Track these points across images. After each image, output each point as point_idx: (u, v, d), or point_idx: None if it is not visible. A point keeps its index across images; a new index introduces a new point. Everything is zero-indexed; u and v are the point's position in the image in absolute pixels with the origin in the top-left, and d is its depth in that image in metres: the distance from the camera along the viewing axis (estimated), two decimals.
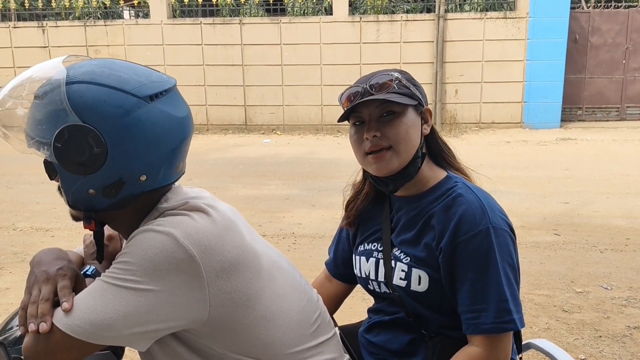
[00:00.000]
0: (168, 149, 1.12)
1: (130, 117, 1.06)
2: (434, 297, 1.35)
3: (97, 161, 1.06)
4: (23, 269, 4.24)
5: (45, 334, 1.01)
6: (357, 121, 1.40)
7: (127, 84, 1.08)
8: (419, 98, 1.40)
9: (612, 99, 11.07)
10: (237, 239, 1.14)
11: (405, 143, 1.36)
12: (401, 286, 1.38)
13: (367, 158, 1.38)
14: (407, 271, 1.37)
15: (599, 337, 3.19)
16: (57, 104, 1.05)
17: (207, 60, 10.95)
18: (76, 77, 1.07)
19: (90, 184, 1.08)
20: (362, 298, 3.39)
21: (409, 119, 1.37)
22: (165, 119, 1.10)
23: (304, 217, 5.45)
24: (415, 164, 1.39)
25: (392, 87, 1.35)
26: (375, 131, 1.35)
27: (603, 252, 4.49)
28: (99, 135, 1.05)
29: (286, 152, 9.16)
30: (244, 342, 1.14)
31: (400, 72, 1.41)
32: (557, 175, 6.98)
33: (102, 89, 1.06)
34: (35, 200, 6.17)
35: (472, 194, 1.36)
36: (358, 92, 1.37)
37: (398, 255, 1.41)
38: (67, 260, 1.14)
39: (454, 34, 10.48)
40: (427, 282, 1.34)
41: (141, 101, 1.08)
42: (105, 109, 1.05)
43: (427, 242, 1.35)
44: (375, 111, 1.36)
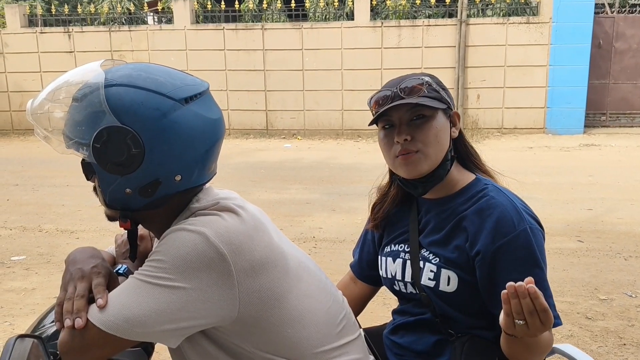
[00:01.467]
0: (202, 150, 1.15)
1: (167, 119, 1.09)
2: (463, 297, 1.36)
3: (135, 162, 1.09)
4: (49, 270, 4.32)
5: (81, 330, 1.04)
6: (386, 124, 1.41)
7: (163, 87, 1.11)
8: (448, 102, 1.41)
9: (637, 104, 10.91)
10: (265, 238, 1.16)
11: (435, 146, 1.37)
12: (429, 286, 1.39)
13: (396, 160, 1.39)
14: (436, 272, 1.38)
15: (623, 345, 3.16)
16: (96, 106, 1.08)
17: (230, 65, 11.04)
18: (114, 80, 1.10)
19: (128, 183, 1.12)
20: (384, 303, 3.39)
21: (438, 123, 1.38)
22: (199, 121, 1.13)
23: (325, 222, 5.47)
24: (444, 166, 1.41)
25: (422, 91, 1.36)
26: (406, 135, 1.36)
27: (627, 260, 4.43)
28: (137, 136, 1.08)
29: (307, 156, 9.18)
30: (271, 340, 1.16)
31: (429, 75, 1.42)
32: (580, 182, 6.91)
33: (140, 91, 1.10)
34: (60, 203, 6.27)
35: (504, 195, 1.37)
36: (388, 96, 1.38)
37: (427, 256, 1.42)
38: (100, 258, 1.17)
39: (476, 39, 10.43)
40: (457, 282, 1.35)
41: (177, 104, 1.11)
42: (143, 111, 1.08)
43: (458, 244, 1.36)
44: (405, 115, 1.37)
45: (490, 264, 1.30)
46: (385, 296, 3.48)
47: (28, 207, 6.18)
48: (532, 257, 1.30)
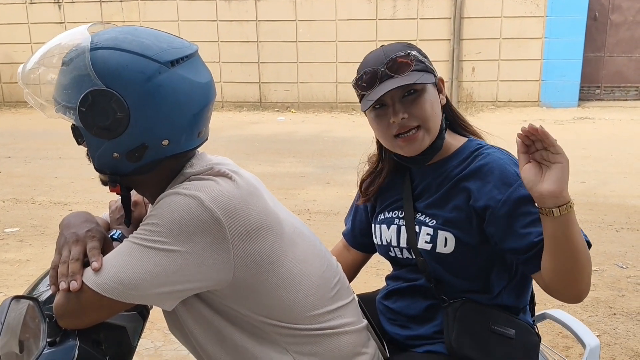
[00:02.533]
0: (190, 114, 1.14)
1: (152, 83, 1.09)
2: (459, 258, 1.36)
3: (120, 125, 1.09)
4: (42, 242, 4.32)
5: (76, 293, 1.05)
6: (377, 104, 1.37)
7: (149, 49, 1.10)
8: (433, 70, 1.40)
9: (632, 78, 10.88)
10: (260, 203, 1.16)
11: (433, 119, 1.36)
12: (426, 249, 1.39)
13: (396, 141, 1.37)
14: (433, 234, 1.38)
15: (613, 315, 3.20)
16: (81, 70, 1.08)
17: (222, 36, 10.92)
18: (100, 43, 1.09)
19: (115, 148, 1.11)
20: (377, 273, 3.42)
21: (430, 94, 1.37)
22: (186, 84, 1.12)
23: (319, 194, 5.48)
24: (442, 136, 1.41)
25: (411, 66, 1.33)
26: (402, 113, 1.33)
27: (619, 231, 4.48)
28: (121, 99, 1.07)
29: (301, 129, 9.15)
30: (266, 304, 1.17)
31: (409, 46, 1.40)
32: (574, 155, 6.88)
33: (125, 54, 1.09)
34: (53, 175, 6.25)
35: (499, 151, 1.39)
36: (376, 75, 1.34)
37: (423, 219, 1.42)
38: (95, 223, 1.17)
39: (471, 10, 10.33)
40: (454, 243, 1.36)
41: (163, 66, 1.10)
42: (128, 74, 1.08)
43: (457, 204, 1.36)
44: (397, 93, 1.34)
45: (505, 213, 1.29)
46: (379, 267, 3.51)
47: (21, 179, 6.15)
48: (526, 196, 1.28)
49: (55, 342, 1.07)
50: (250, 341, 1.19)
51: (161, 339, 2.94)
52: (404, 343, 1.47)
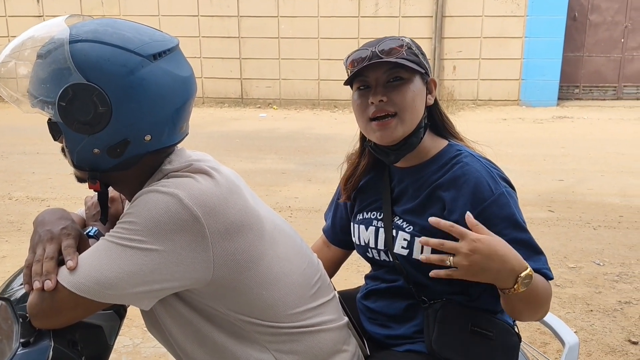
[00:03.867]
0: (172, 109, 1.12)
1: (134, 76, 1.06)
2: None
3: (102, 120, 1.06)
4: (19, 238, 4.25)
5: (50, 292, 1.03)
6: (362, 85, 1.37)
7: (130, 42, 1.08)
8: (426, 67, 1.39)
9: (610, 77, 11.04)
10: (240, 201, 1.15)
11: (411, 111, 1.35)
12: (403, 255, 1.38)
13: (370, 124, 1.36)
14: (410, 240, 1.37)
15: (590, 312, 3.24)
16: (60, 63, 1.05)
17: (203, 32, 10.84)
18: (79, 36, 1.07)
19: (95, 143, 1.09)
20: (358, 270, 3.42)
21: (415, 87, 1.35)
22: (169, 78, 1.10)
23: (300, 191, 5.47)
24: (418, 134, 1.39)
25: (401, 53, 1.33)
26: (382, 96, 1.33)
27: (596, 229, 4.53)
28: (103, 94, 1.05)
29: (282, 126, 9.13)
30: (246, 302, 1.16)
31: (409, 39, 1.39)
32: (552, 153, 7.00)
33: (106, 47, 1.06)
34: (30, 170, 6.16)
35: (478, 161, 1.36)
36: (365, 56, 1.34)
37: (400, 224, 1.40)
38: (70, 220, 1.15)
39: (453, 9, 10.38)
40: (430, 251, 1.34)
41: (145, 60, 1.08)
42: (110, 67, 1.05)
43: (434, 213, 1.34)
44: (382, 76, 1.34)
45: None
46: (360, 264, 3.51)
47: None
48: (513, 218, 1.30)
49: (29, 342, 1.04)
50: (229, 340, 1.17)
51: (140, 336, 2.91)
52: (384, 342, 1.46)
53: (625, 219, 4.76)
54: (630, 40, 10.83)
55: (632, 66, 10.94)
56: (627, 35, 10.81)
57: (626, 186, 5.67)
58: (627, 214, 4.90)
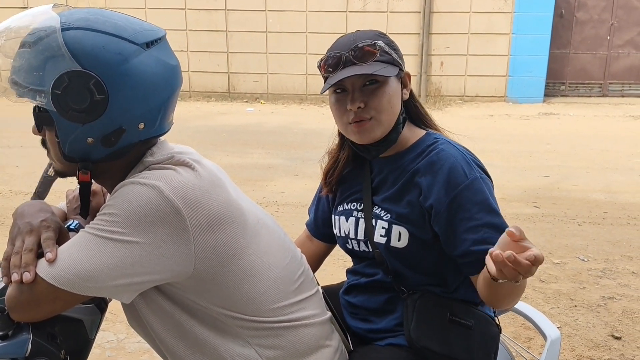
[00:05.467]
0: (165, 97, 1.12)
1: (130, 64, 1.06)
2: (413, 253, 1.37)
3: (98, 108, 1.05)
4: (3, 232, 4.21)
5: (29, 284, 1.01)
6: (338, 89, 1.38)
7: (123, 31, 1.08)
8: (400, 63, 1.40)
9: (596, 75, 11.13)
10: (222, 194, 1.14)
11: (387, 113, 1.36)
12: (382, 243, 1.39)
13: (349, 127, 1.38)
14: (387, 228, 1.38)
15: (575, 307, 3.27)
16: (53, 50, 1.03)
17: (190, 25, 10.77)
18: (70, 24, 1.05)
19: (90, 132, 1.07)
20: (344, 265, 3.42)
21: (391, 88, 1.36)
22: (161, 66, 1.11)
23: (287, 186, 5.46)
24: (397, 130, 1.41)
25: (375, 56, 1.33)
26: (359, 102, 1.34)
27: (581, 225, 4.57)
28: (100, 81, 1.03)
29: (270, 121, 9.10)
30: (228, 296, 1.15)
31: (380, 35, 1.39)
32: (538, 150, 7.05)
33: (100, 35, 1.05)
34: (14, 164, 6.09)
35: (454, 148, 1.38)
36: (340, 59, 1.34)
37: (379, 213, 1.42)
38: (50, 212, 1.13)
39: (440, 5, 10.40)
40: (407, 238, 1.36)
41: (139, 48, 1.08)
42: (105, 55, 1.04)
43: (411, 200, 1.36)
44: (358, 81, 1.35)
45: (447, 217, 1.31)
46: (346, 259, 3.50)
47: None
48: (486, 203, 1.30)
49: (7, 335, 1.03)
50: (211, 334, 1.16)
51: (124, 331, 2.89)
52: (366, 337, 1.47)
53: (610, 215, 4.81)
54: (616, 38, 10.92)
55: (618, 64, 11.03)
56: (613, 33, 10.90)
57: (611, 183, 5.72)
58: (611, 210, 4.94)
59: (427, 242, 1.36)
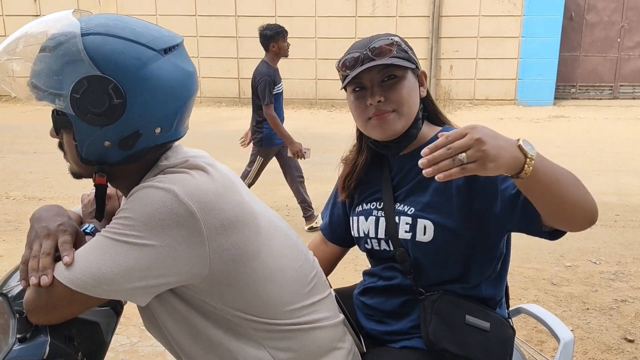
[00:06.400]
0: (181, 102, 1.14)
1: (148, 69, 1.08)
2: (440, 246, 1.36)
3: (116, 112, 1.07)
4: (16, 237, 4.25)
5: (47, 287, 1.03)
6: (357, 87, 1.39)
7: (142, 36, 1.09)
8: (416, 62, 1.42)
9: (606, 77, 11.06)
10: (236, 197, 1.15)
11: (408, 105, 1.37)
12: (407, 239, 1.39)
13: (370, 122, 1.38)
14: (412, 223, 1.38)
15: (587, 310, 3.25)
16: (73, 55, 1.05)
17: (201, 31, 10.84)
18: (90, 29, 1.07)
19: (107, 135, 1.09)
20: (355, 269, 3.43)
21: (409, 82, 1.38)
22: (178, 72, 1.12)
23: None
24: (417, 126, 1.42)
25: (392, 52, 1.36)
26: (379, 96, 1.35)
27: (592, 228, 4.48)
28: (118, 86, 1.05)
29: None
30: (241, 298, 1.16)
31: (397, 36, 1.42)
32: (549, 152, 6.90)
33: (119, 40, 1.07)
34: (28, 170, 6.15)
35: None
36: (358, 58, 1.36)
37: (402, 209, 1.42)
38: (67, 216, 1.15)
39: (449, 9, 10.40)
40: (432, 231, 1.35)
41: (157, 54, 1.09)
42: (124, 60, 1.06)
43: (437, 187, 1.36)
44: (376, 77, 1.36)
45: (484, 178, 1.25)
46: (357, 262, 3.51)
47: None
48: None
49: (26, 338, 1.04)
50: (225, 336, 1.17)
51: (137, 334, 2.91)
52: (381, 338, 1.47)
53: (622, 218, 4.78)
54: (627, 39, 10.85)
55: (629, 66, 10.97)
56: (624, 35, 10.84)
57: (622, 185, 5.69)
58: (623, 212, 4.91)
59: (454, 231, 1.35)
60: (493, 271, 1.42)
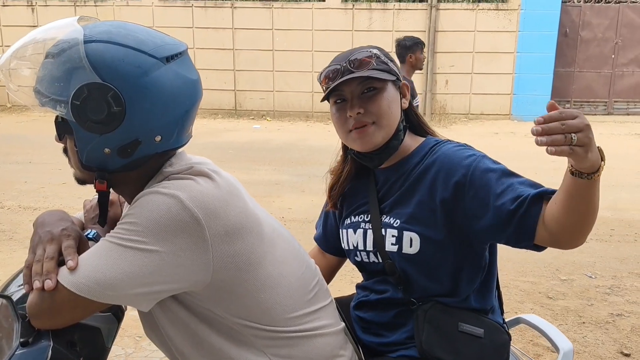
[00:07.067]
0: (182, 111, 1.14)
1: (149, 77, 1.08)
2: (427, 258, 1.37)
3: (116, 120, 1.07)
4: (10, 247, 4.23)
5: (50, 292, 1.03)
6: (338, 99, 1.42)
7: (144, 44, 1.10)
8: (397, 73, 1.43)
9: (600, 93, 11.16)
10: (240, 204, 1.15)
11: (387, 117, 1.39)
12: (394, 251, 1.40)
13: (350, 135, 1.40)
14: (398, 235, 1.39)
15: (583, 324, 3.26)
16: (75, 62, 1.05)
17: (198, 43, 10.88)
18: (93, 36, 1.08)
19: (107, 143, 1.09)
20: (351, 281, 3.42)
21: (389, 94, 1.40)
22: (180, 80, 1.12)
23: (294, 202, 5.47)
24: (398, 137, 1.43)
25: (371, 64, 1.37)
26: (358, 108, 1.37)
27: (588, 242, 4.55)
28: (118, 94, 1.05)
29: (276, 138, 9.15)
30: (244, 306, 1.16)
31: (377, 48, 1.43)
32: (544, 167, 7.00)
33: (121, 48, 1.07)
34: (23, 180, 6.13)
35: (456, 144, 1.42)
36: (338, 70, 1.38)
37: (388, 221, 1.42)
38: (70, 221, 1.15)
39: (445, 24, 10.49)
40: (419, 243, 1.36)
41: (159, 62, 1.09)
42: (125, 68, 1.06)
43: (421, 199, 1.37)
44: (356, 88, 1.38)
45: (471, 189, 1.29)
46: (353, 275, 3.51)
47: None
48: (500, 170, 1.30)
49: (28, 342, 1.04)
50: (227, 343, 1.17)
51: (132, 345, 2.89)
52: (378, 350, 1.47)
53: (617, 232, 4.80)
54: (621, 56, 10.97)
55: (623, 82, 11.07)
56: (618, 52, 10.95)
57: (617, 200, 5.72)
58: (618, 227, 4.93)
59: (440, 243, 1.36)
60: (480, 282, 1.42)
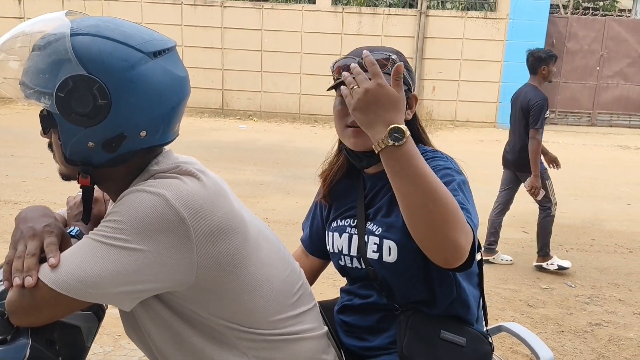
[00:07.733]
0: (169, 107, 1.13)
1: (135, 71, 1.07)
2: (404, 267, 1.37)
3: (101, 113, 1.06)
4: None
5: (31, 289, 1.01)
6: None
7: (132, 39, 1.09)
8: (409, 83, 1.42)
9: (585, 104, 11.29)
10: (226, 205, 1.15)
11: None
12: (374, 259, 1.40)
13: (346, 130, 1.40)
14: (379, 243, 1.39)
15: (562, 332, 3.29)
16: (61, 54, 1.04)
17: (186, 41, 10.83)
18: (81, 30, 1.07)
19: (91, 136, 1.08)
20: (334, 284, 3.42)
21: None
22: (167, 76, 1.12)
23: (278, 204, 5.46)
24: None
25: (387, 68, 1.35)
26: None
27: (569, 252, 4.60)
28: (104, 86, 1.05)
29: (262, 138, 9.13)
30: (227, 307, 1.15)
31: (396, 53, 1.41)
32: None
33: (108, 42, 1.07)
34: (4, 173, 6.05)
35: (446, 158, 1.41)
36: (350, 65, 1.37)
37: (371, 228, 1.43)
38: (53, 218, 1.13)
39: (434, 31, 10.55)
40: (397, 252, 1.36)
41: (146, 57, 1.09)
42: (111, 61, 1.06)
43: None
44: None
45: None
46: (336, 278, 3.51)
47: None
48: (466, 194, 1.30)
49: (6, 340, 1.02)
50: (208, 344, 1.16)
51: (111, 344, 2.87)
52: (361, 354, 1.47)
53: (597, 243, 4.86)
54: (606, 68, 11.11)
55: (607, 94, 11.21)
56: (603, 64, 11.09)
57: (598, 210, 5.78)
58: (599, 237, 4.99)
59: (417, 252, 1.29)
60: (459, 294, 1.42)
